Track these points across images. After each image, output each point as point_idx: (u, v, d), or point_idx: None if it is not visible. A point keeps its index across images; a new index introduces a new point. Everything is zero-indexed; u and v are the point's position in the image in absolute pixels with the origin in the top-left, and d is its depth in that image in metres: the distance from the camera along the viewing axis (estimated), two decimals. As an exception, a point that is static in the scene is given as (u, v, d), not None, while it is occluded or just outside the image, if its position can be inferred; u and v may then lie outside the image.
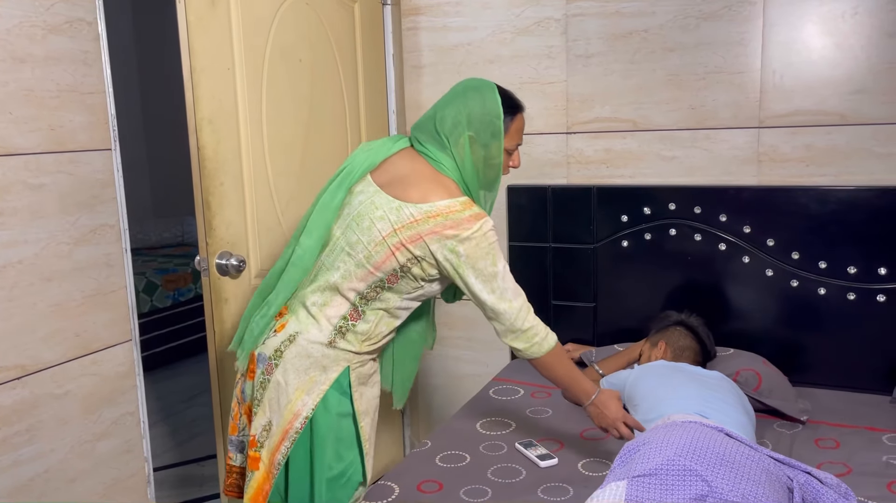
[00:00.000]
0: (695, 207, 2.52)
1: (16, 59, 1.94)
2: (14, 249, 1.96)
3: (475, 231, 1.67)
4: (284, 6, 2.35)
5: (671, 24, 2.52)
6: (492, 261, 1.70)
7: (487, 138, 1.70)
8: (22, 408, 1.99)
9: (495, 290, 1.71)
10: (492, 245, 1.70)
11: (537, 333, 1.77)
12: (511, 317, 1.74)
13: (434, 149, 1.74)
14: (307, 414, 1.73)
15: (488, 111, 1.68)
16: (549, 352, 1.79)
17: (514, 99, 1.77)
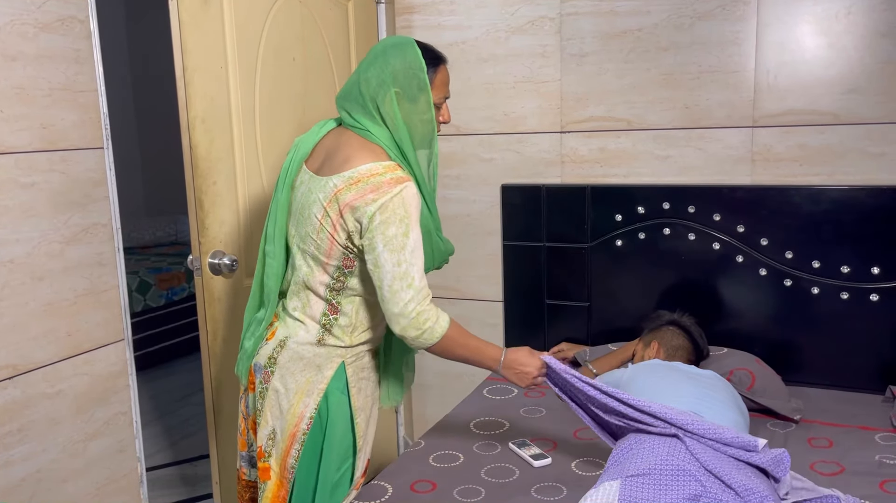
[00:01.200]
0: (689, 207, 2.53)
1: (7, 57, 1.92)
2: (5, 248, 1.94)
3: (394, 195, 1.58)
4: (277, 5, 2.34)
5: (665, 24, 2.52)
6: (405, 230, 1.58)
7: (414, 92, 1.63)
8: (14, 408, 1.98)
9: (401, 264, 1.58)
10: (409, 213, 1.59)
11: (428, 318, 1.62)
12: (405, 299, 1.60)
13: (361, 117, 1.67)
14: (311, 414, 1.72)
15: (410, 65, 1.61)
16: (444, 336, 1.65)
17: (436, 51, 1.70)
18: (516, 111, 2.76)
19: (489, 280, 2.90)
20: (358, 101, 1.66)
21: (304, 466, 1.75)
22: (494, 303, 2.90)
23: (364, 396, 1.80)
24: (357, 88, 1.66)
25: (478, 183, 2.86)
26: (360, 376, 1.79)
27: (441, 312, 1.66)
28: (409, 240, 1.59)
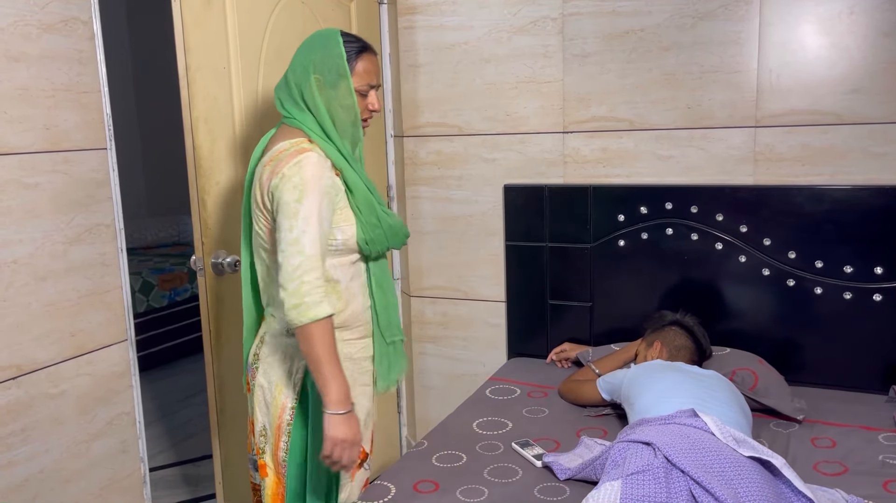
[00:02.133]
0: (691, 207, 2.52)
1: (10, 57, 1.93)
2: (9, 249, 1.95)
3: (292, 164, 1.62)
4: (280, 5, 2.35)
5: (667, 24, 2.51)
6: (298, 196, 1.58)
7: (334, 78, 1.67)
8: (17, 409, 1.98)
9: (293, 229, 1.57)
10: (305, 181, 1.59)
11: (310, 293, 1.56)
12: (293, 265, 1.57)
13: (289, 105, 1.72)
14: (292, 405, 1.74)
15: (330, 53, 1.67)
16: (314, 323, 1.57)
17: (361, 41, 1.74)
18: (519, 111, 2.76)
19: (492, 280, 2.90)
20: (285, 89, 1.73)
21: (293, 458, 1.76)
22: (497, 304, 2.90)
23: None
24: (285, 78, 1.73)
25: (480, 183, 2.86)
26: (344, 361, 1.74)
27: (327, 302, 1.59)
28: (303, 206, 1.58)
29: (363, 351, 1.81)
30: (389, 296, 1.84)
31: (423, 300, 3.03)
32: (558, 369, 2.69)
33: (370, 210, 1.71)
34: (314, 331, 1.58)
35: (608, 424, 2.21)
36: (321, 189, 1.61)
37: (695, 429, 1.76)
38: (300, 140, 1.68)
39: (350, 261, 1.74)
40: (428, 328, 3.04)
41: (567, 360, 2.70)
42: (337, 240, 1.68)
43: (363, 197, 1.70)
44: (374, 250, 1.74)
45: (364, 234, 1.70)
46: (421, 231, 2.99)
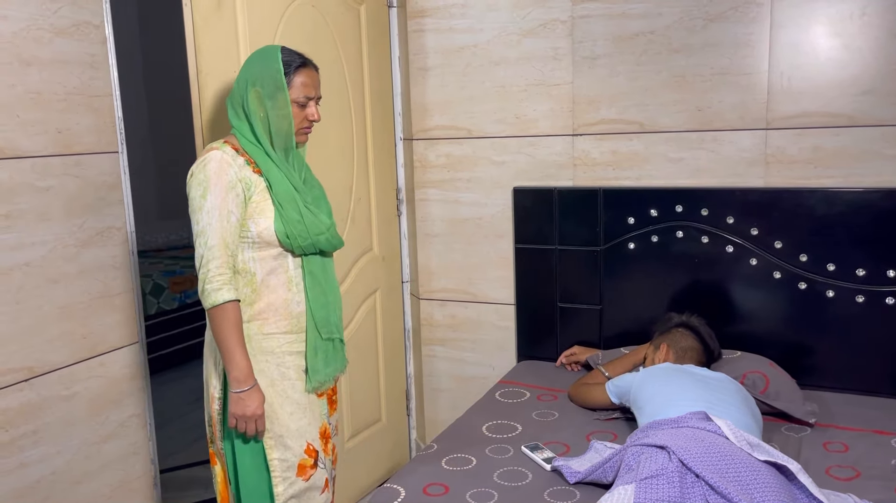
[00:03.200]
0: (702, 209, 2.51)
1: (22, 61, 1.94)
2: (21, 252, 1.96)
3: (198, 163, 1.76)
4: (290, 8, 2.35)
5: (677, 26, 2.51)
6: (202, 192, 1.72)
7: (272, 90, 1.79)
8: (29, 411, 1.99)
9: (199, 222, 1.73)
10: (208, 177, 1.73)
11: (210, 281, 1.72)
12: (199, 255, 1.73)
13: (232, 114, 1.85)
14: (219, 395, 1.84)
15: (269, 66, 1.79)
16: (216, 307, 1.72)
17: (301, 57, 1.85)
18: (528, 114, 2.76)
19: (501, 283, 2.89)
20: (231, 100, 1.86)
21: (226, 448, 1.86)
22: (506, 306, 2.90)
23: (266, 379, 1.81)
24: (234, 89, 1.86)
25: (489, 186, 2.86)
26: (258, 359, 1.81)
27: (227, 289, 1.72)
28: (206, 201, 1.72)
29: (288, 345, 1.84)
30: (329, 294, 1.89)
31: (433, 302, 3.03)
32: (568, 372, 2.69)
33: (292, 206, 1.79)
34: (214, 315, 1.73)
35: (618, 428, 2.21)
36: (224, 184, 1.73)
37: (709, 432, 1.75)
38: (216, 143, 1.81)
39: (271, 255, 1.80)
40: (437, 330, 3.04)
41: (577, 363, 2.70)
42: (251, 231, 1.77)
43: (285, 193, 1.79)
44: (296, 245, 1.80)
45: (284, 228, 1.78)
46: (430, 233, 2.99)
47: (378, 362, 2.94)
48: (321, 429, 1.90)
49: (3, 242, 1.92)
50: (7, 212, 1.92)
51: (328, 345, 1.88)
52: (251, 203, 1.77)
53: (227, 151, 1.77)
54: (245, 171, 1.77)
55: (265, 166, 1.80)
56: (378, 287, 2.92)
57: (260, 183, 1.79)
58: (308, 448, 1.85)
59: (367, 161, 2.80)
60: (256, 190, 1.78)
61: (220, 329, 1.73)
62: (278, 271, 1.82)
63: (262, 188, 1.79)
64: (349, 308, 2.74)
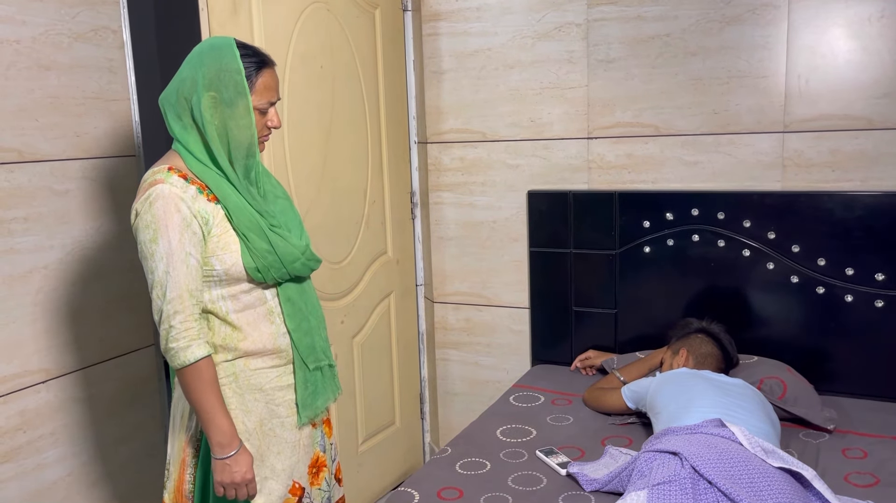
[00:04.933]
0: (718, 213, 2.50)
1: (41, 66, 1.96)
2: (40, 254, 1.98)
3: (143, 200, 1.48)
4: (306, 13, 2.36)
5: (694, 29, 2.49)
6: (152, 236, 1.46)
7: (232, 96, 1.51)
8: (46, 412, 2.01)
9: (152, 271, 1.47)
10: (156, 218, 1.46)
11: (176, 338, 1.46)
12: (157, 308, 1.47)
13: (173, 121, 1.56)
14: (199, 436, 1.60)
15: (226, 67, 1.50)
16: (186, 368, 1.47)
17: (261, 54, 1.57)
18: (543, 117, 2.76)
19: (515, 287, 2.89)
20: (172, 103, 1.56)
21: (199, 490, 1.62)
22: (520, 310, 2.89)
23: (255, 419, 1.60)
24: (175, 91, 1.56)
25: (504, 189, 2.86)
26: (245, 398, 1.59)
27: (197, 345, 1.48)
28: (158, 246, 1.46)
29: (277, 380, 1.62)
30: (312, 319, 1.67)
31: (447, 306, 3.03)
32: (583, 377, 2.67)
33: (259, 235, 1.54)
34: (186, 376, 1.49)
35: (633, 433, 2.19)
36: (177, 224, 1.47)
37: (722, 439, 1.74)
38: (160, 169, 1.52)
39: (241, 290, 1.56)
40: (451, 334, 3.04)
41: (592, 368, 2.68)
42: (216, 269, 1.53)
43: (248, 221, 1.54)
44: (268, 278, 1.56)
45: (254, 262, 1.54)
46: (444, 237, 2.99)
47: (392, 365, 2.94)
48: (312, 459, 1.72)
49: (21, 245, 1.94)
50: (26, 215, 1.94)
51: (317, 374, 1.67)
52: (211, 238, 1.52)
53: (174, 182, 1.49)
54: (199, 202, 1.50)
55: (221, 192, 1.53)
56: (392, 290, 2.92)
57: (218, 212, 1.53)
58: (293, 487, 1.66)
59: (381, 164, 2.81)
60: (215, 222, 1.52)
61: (193, 390, 1.49)
62: (255, 305, 1.58)
63: (220, 218, 1.53)
64: (364, 311, 2.74)
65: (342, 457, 2.66)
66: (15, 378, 1.93)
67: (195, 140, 1.54)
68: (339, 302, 2.62)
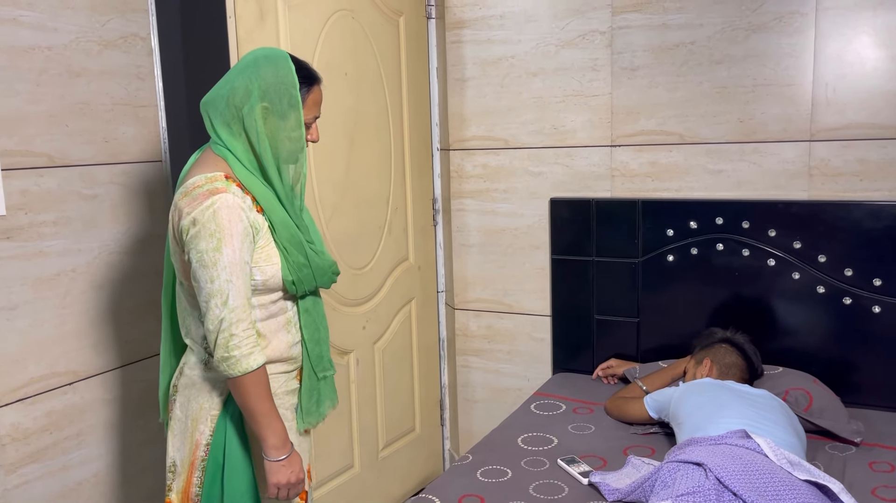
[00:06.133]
0: (743, 222, 2.48)
1: (72, 73, 1.99)
2: (68, 258, 2.01)
3: (205, 208, 1.49)
4: (331, 20, 2.38)
5: (719, 36, 2.48)
6: (216, 245, 1.47)
7: (285, 108, 1.54)
8: (73, 413, 2.04)
9: (214, 280, 1.48)
10: (221, 227, 1.48)
11: (239, 346, 1.49)
12: (218, 317, 1.48)
13: (221, 128, 1.58)
14: (206, 441, 1.61)
15: (283, 80, 1.53)
16: (246, 375, 1.50)
17: (311, 70, 1.62)
18: (566, 125, 2.75)
19: (537, 294, 2.88)
20: (221, 109, 1.57)
21: (207, 496, 1.62)
22: (542, 318, 2.88)
23: None
24: (224, 98, 1.57)
25: (526, 196, 2.85)
26: None
27: (258, 352, 1.52)
28: (223, 255, 1.48)
29: (286, 385, 1.68)
30: (322, 330, 1.72)
31: (468, 313, 3.03)
32: (604, 385, 2.66)
33: (298, 249, 1.60)
34: (246, 383, 1.51)
35: (656, 443, 2.18)
36: (240, 233, 1.50)
37: (747, 450, 1.72)
38: (216, 176, 1.53)
39: (270, 300, 1.61)
40: (472, 341, 3.04)
41: (613, 377, 2.67)
42: (256, 279, 1.56)
43: (290, 235, 1.59)
44: (300, 290, 1.62)
45: (291, 275, 1.59)
46: (466, 244, 2.99)
47: (413, 372, 2.94)
48: (307, 467, 1.77)
49: (50, 248, 1.97)
50: (55, 219, 1.97)
51: (322, 383, 1.73)
52: (256, 249, 1.56)
53: (235, 192, 1.52)
54: (252, 213, 1.55)
55: (267, 204, 1.57)
56: (413, 297, 2.92)
57: (263, 224, 1.57)
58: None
59: (404, 171, 2.82)
60: (261, 233, 1.56)
61: (252, 395, 1.52)
62: (278, 314, 1.63)
63: (265, 230, 1.57)
64: (385, 317, 2.75)
65: (363, 461, 2.67)
66: (42, 379, 1.96)
67: (244, 149, 1.57)
68: (361, 307, 2.63)
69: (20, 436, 1.91)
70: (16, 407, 1.90)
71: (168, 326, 1.77)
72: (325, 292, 2.43)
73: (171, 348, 1.77)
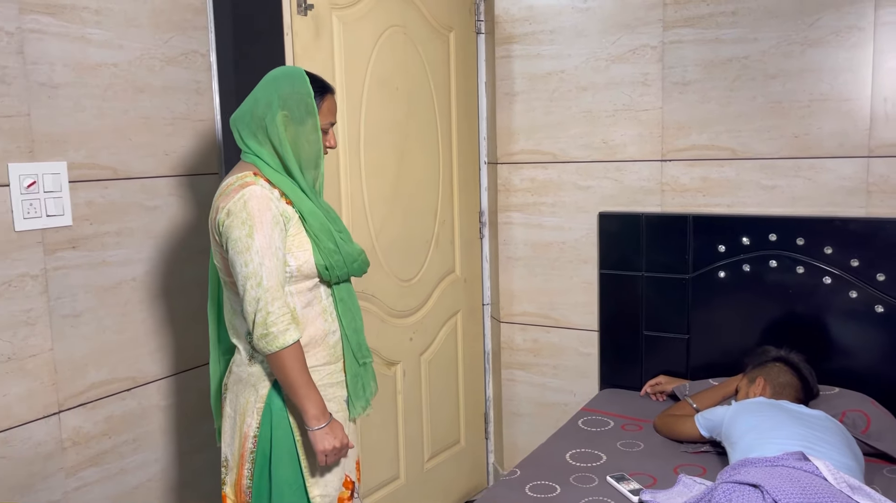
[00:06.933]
0: (797, 239, 2.43)
1: (136, 88, 2.06)
2: (129, 267, 2.07)
3: (236, 199, 1.63)
4: (384, 36, 2.42)
5: (774, 51, 2.45)
6: (248, 231, 1.61)
7: (302, 115, 1.70)
8: (131, 419, 2.09)
9: (248, 264, 1.60)
10: (251, 215, 1.61)
11: (276, 322, 1.60)
12: (255, 297, 1.60)
13: (249, 138, 1.73)
14: (254, 434, 1.71)
15: (298, 90, 1.70)
16: (285, 350, 1.61)
17: (324, 81, 1.77)
18: (615, 139, 2.74)
19: (584, 309, 2.86)
20: (247, 122, 1.73)
21: (257, 487, 1.72)
22: (589, 333, 2.87)
23: None
24: (249, 111, 1.73)
25: (574, 210, 2.85)
26: None
27: (293, 328, 1.62)
28: (255, 241, 1.60)
29: (329, 377, 1.76)
30: (357, 319, 1.83)
31: (514, 326, 3.03)
32: (653, 402, 2.63)
33: (328, 236, 1.72)
34: (284, 357, 1.61)
35: (707, 462, 2.14)
36: (269, 220, 1.63)
37: (805, 473, 1.68)
38: (245, 174, 1.69)
39: (306, 287, 1.72)
40: (517, 355, 3.03)
41: (662, 394, 2.63)
42: (290, 266, 1.68)
43: (319, 224, 1.71)
44: (334, 276, 1.74)
45: (323, 261, 1.71)
46: (512, 257, 2.99)
47: (458, 384, 2.94)
48: (357, 458, 1.86)
49: (113, 258, 2.03)
50: (118, 229, 2.04)
51: (363, 369, 1.83)
52: (288, 237, 1.68)
53: (263, 185, 1.67)
54: (281, 204, 1.69)
55: (296, 197, 1.71)
56: (459, 309, 2.93)
57: (294, 215, 1.70)
58: (346, 480, 1.79)
59: (451, 184, 2.84)
60: (292, 223, 1.69)
61: (290, 370, 1.63)
62: (314, 303, 1.74)
63: (296, 220, 1.70)
64: (431, 329, 2.77)
65: (409, 472, 2.68)
66: (103, 384, 2.02)
67: (269, 153, 1.72)
68: (409, 319, 2.65)
69: (81, 440, 1.97)
70: (78, 411, 1.96)
71: (214, 334, 1.86)
72: (374, 303, 2.46)
73: (218, 355, 1.86)
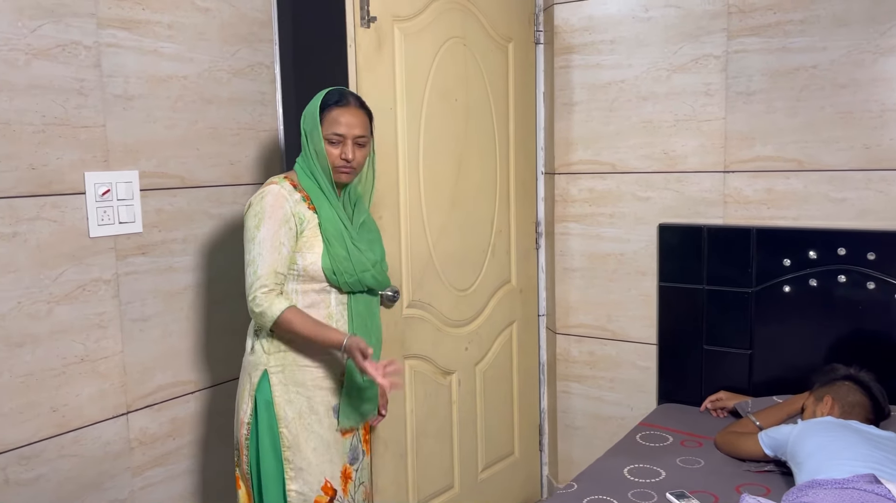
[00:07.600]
0: (868, 253, 2.35)
1: (204, 100, 2.12)
2: (195, 273, 2.13)
3: (257, 195, 1.83)
4: (444, 48, 2.44)
5: (843, 60, 2.38)
6: (256, 223, 1.79)
7: (310, 127, 1.87)
8: (193, 420, 2.15)
9: (249, 252, 1.79)
10: (264, 209, 1.80)
11: (261, 304, 1.77)
12: (249, 283, 1.79)
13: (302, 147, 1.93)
14: (248, 420, 1.85)
15: (310, 107, 1.89)
16: (281, 318, 1.77)
17: (340, 94, 1.90)
18: (676, 150, 2.70)
19: (643, 322, 2.82)
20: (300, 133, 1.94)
21: (253, 472, 1.86)
22: (647, 346, 2.82)
23: (295, 410, 1.84)
24: None
25: (633, 222, 2.81)
26: (289, 388, 1.84)
27: (278, 301, 1.77)
28: (259, 232, 1.78)
29: (319, 380, 1.87)
30: (373, 336, 1.93)
31: (570, 338, 3.00)
32: (713, 419, 2.57)
33: (340, 242, 1.84)
34: (282, 324, 1.78)
35: (771, 482, 2.08)
36: (278, 217, 1.80)
37: (877, 496, 1.62)
38: (279, 177, 1.89)
39: (312, 289, 1.85)
40: (573, 367, 3.00)
41: (723, 410, 2.57)
42: (297, 264, 1.82)
43: (334, 230, 1.84)
44: (342, 281, 1.85)
45: (331, 265, 1.83)
46: (569, 268, 2.97)
47: (512, 395, 2.93)
48: (342, 469, 1.91)
49: (179, 264, 2.09)
50: (185, 236, 2.09)
51: (360, 392, 1.90)
52: (301, 238, 1.83)
53: (284, 186, 1.84)
54: (300, 206, 1.84)
55: (318, 202, 1.86)
56: (515, 319, 2.92)
57: (313, 219, 1.84)
58: (325, 485, 1.86)
59: (508, 194, 2.83)
60: (308, 226, 1.84)
61: (296, 329, 1.78)
62: (319, 305, 1.85)
63: (313, 225, 1.84)
64: (486, 339, 2.76)
65: (463, 482, 2.67)
66: (169, 387, 2.07)
67: (303, 160, 1.90)
68: (464, 328, 2.65)
69: (147, 441, 2.03)
70: (145, 412, 2.02)
71: None
72: (430, 312, 2.47)
73: None
